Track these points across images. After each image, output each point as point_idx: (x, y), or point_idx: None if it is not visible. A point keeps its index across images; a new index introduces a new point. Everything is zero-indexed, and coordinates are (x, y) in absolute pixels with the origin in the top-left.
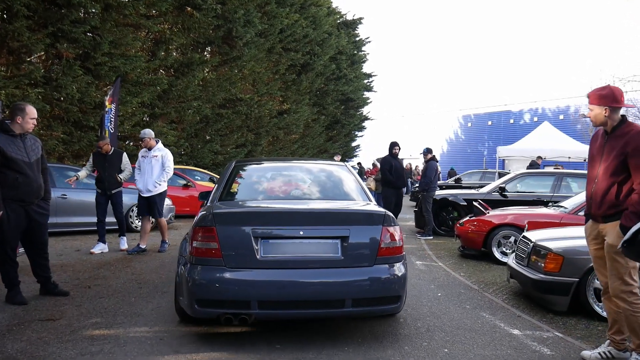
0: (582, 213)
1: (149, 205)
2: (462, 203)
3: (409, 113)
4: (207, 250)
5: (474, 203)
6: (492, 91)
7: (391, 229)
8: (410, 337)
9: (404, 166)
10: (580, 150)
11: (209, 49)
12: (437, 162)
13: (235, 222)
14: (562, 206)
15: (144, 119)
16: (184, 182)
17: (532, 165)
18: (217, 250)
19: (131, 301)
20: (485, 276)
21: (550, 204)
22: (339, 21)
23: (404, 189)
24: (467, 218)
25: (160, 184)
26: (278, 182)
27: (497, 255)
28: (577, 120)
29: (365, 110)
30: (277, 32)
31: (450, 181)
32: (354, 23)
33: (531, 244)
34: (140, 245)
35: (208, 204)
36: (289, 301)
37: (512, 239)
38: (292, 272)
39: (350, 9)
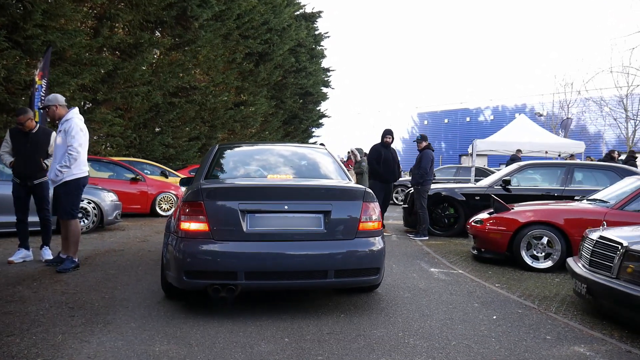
0: (631, 207)
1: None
2: (459, 198)
3: (364, 111)
4: (195, 223)
5: (493, 197)
6: (450, 89)
7: (371, 204)
8: None
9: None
10: (558, 144)
11: (158, 33)
12: (433, 150)
13: (222, 197)
14: (599, 200)
15: (85, 104)
16: (132, 175)
17: (514, 159)
18: (205, 224)
19: (56, 342)
20: (528, 287)
21: (580, 198)
22: (297, 13)
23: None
24: (486, 215)
25: (62, 171)
26: (262, 162)
27: (527, 260)
28: (533, 118)
29: (322, 107)
30: (235, 17)
31: None
32: (313, 16)
33: (622, 249)
34: (73, 259)
35: (194, 183)
36: (274, 272)
37: (544, 239)
38: (277, 244)
39: (310, 1)
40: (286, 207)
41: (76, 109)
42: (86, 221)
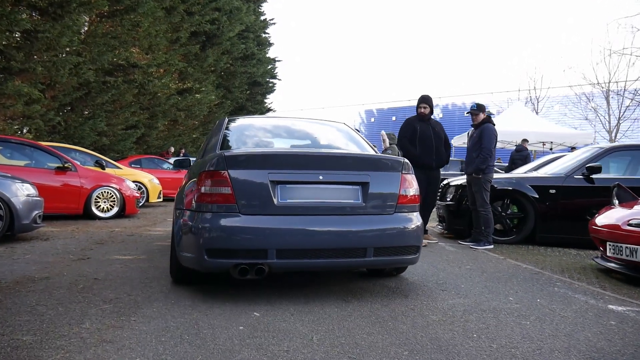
0: None
1: None
2: (530, 193)
3: (307, 107)
4: (218, 196)
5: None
6: (399, 86)
7: (408, 176)
8: None
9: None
10: (564, 134)
11: None
12: (495, 125)
13: (250, 166)
14: None
15: None
16: (58, 163)
17: (520, 150)
18: (230, 196)
19: None
20: None
21: None
22: None
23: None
24: None
25: None
26: (283, 133)
27: None
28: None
29: (268, 100)
30: None
31: None
32: (259, 0)
33: None
34: None
35: (207, 155)
36: (309, 249)
37: None
38: (312, 218)
39: None
40: (321, 177)
41: None
42: None
